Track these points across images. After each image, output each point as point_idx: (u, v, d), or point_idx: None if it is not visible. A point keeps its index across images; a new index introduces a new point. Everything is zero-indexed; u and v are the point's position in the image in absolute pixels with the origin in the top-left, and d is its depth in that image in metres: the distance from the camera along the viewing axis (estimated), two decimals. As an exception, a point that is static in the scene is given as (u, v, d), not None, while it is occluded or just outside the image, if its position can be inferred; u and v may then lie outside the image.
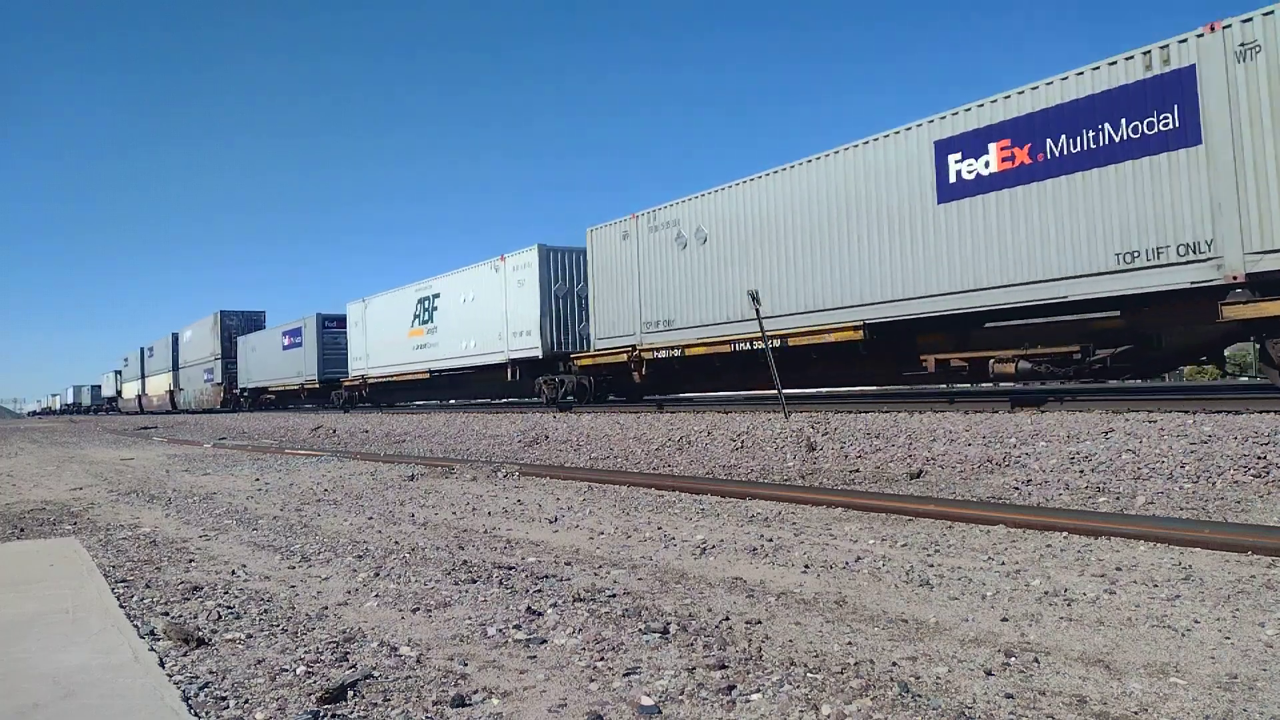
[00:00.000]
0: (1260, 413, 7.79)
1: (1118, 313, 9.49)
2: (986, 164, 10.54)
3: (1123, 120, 9.26)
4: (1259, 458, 5.92)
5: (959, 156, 10.88)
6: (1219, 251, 8.49)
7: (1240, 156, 8.45)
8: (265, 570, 4.40)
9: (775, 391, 11.97)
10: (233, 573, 4.35)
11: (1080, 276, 9.54)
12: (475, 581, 3.95)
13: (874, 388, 16.30)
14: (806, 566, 4.06)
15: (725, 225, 14.36)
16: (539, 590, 3.74)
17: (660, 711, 2.34)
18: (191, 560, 4.74)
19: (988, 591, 3.48)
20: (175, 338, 52.46)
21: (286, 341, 34.89)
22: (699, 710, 2.34)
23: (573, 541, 4.95)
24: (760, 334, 12.32)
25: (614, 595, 3.62)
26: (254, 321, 43.82)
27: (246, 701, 2.49)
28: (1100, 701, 2.32)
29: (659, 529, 5.22)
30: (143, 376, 62.50)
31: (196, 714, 2.37)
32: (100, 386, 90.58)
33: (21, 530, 6.07)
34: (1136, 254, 9.09)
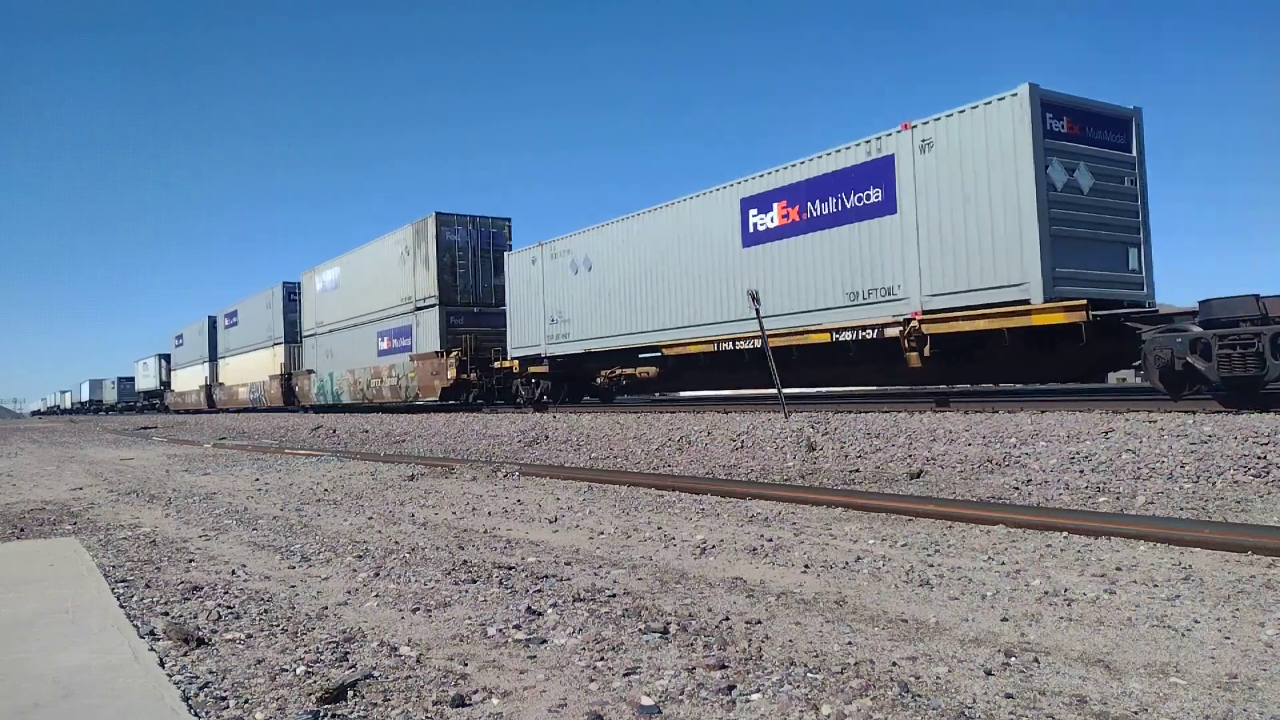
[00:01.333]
0: (1260, 412, 7.79)
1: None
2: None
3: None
4: (1259, 458, 5.92)
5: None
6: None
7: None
8: (265, 570, 4.40)
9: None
10: (233, 573, 4.35)
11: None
12: (475, 581, 3.95)
13: (874, 388, 16.26)
14: (806, 566, 4.06)
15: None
16: (539, 590, 3.74)
17: (660, 711, 2.34)
18: (191, 560, 4.74)
19: (988, 591, 3.48)
20: (289, 291, 33.64)
21: (780, 215, 13.18)
22: (699, 710, 2.34)
23: (573, 541, 4.95)
24: (760, 333, 12.32)
25: (614, 595, 3.62)
26: (494, 237, 23.03)
27: (246, 701, 2.49)
28: (1100, 701, 2.32)
29: (659, 529, 5.22)
30: (213, 358, 43.27)
31: (196, 714, 2.37)
32: (134, 379, 69.58)
33: (21, 530, 6.07)
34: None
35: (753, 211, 13.79)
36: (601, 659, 2.78)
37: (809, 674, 2.57)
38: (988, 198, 10.31)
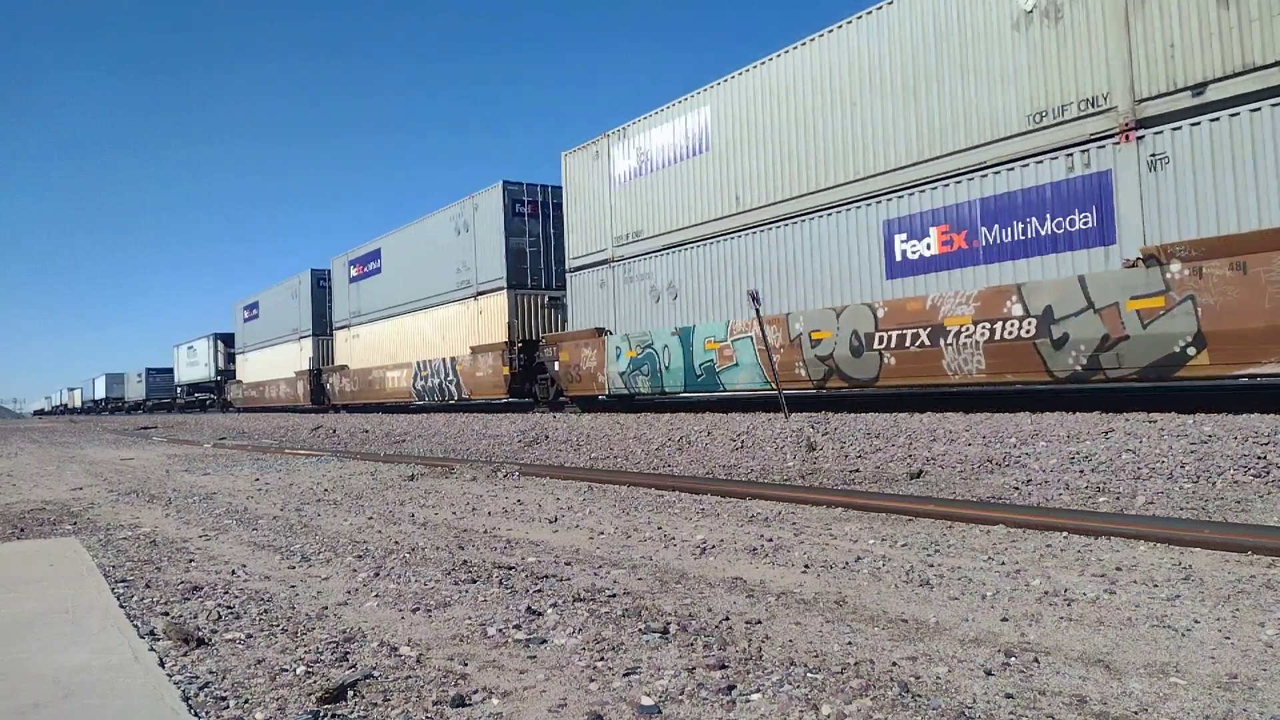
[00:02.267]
0: (1260, 413, 7.79)
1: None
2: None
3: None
4: (1259, 458, 5.92)
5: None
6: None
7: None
8: (265, 570, 4.40)
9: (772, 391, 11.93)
10: (233, 573, 4.35)
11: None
12: (475, 581, 3.95)
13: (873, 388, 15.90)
14: (806, 566, 4.06)
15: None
16: (539, 590, 3.74)
17: (660, 711, 2.34)
18: (191, 560, 4.74)
19: (988, 591, 3.48)
20: (513, 201, 19.95)
21: None
22: (699, 710, 2.34)
23: (573, 541, 4.95)
24: (762, 333, 12.31)
25: (614, 595, 3.62)
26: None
27: (246, 701, 2.49)
28: (1100, 701, 2.32)
29: (659, 529, 5.22)
30: (323, 331, 29.99)
31: (196, 714, 2.37)
32: (171, 370, 57.29)
33: (21, 530, 6.07)
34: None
35: None
36: (601, 659, 2.79)
37: (809, 674, 2.58)
38: None
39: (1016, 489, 6.11)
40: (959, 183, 10.93)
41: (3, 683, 2.64)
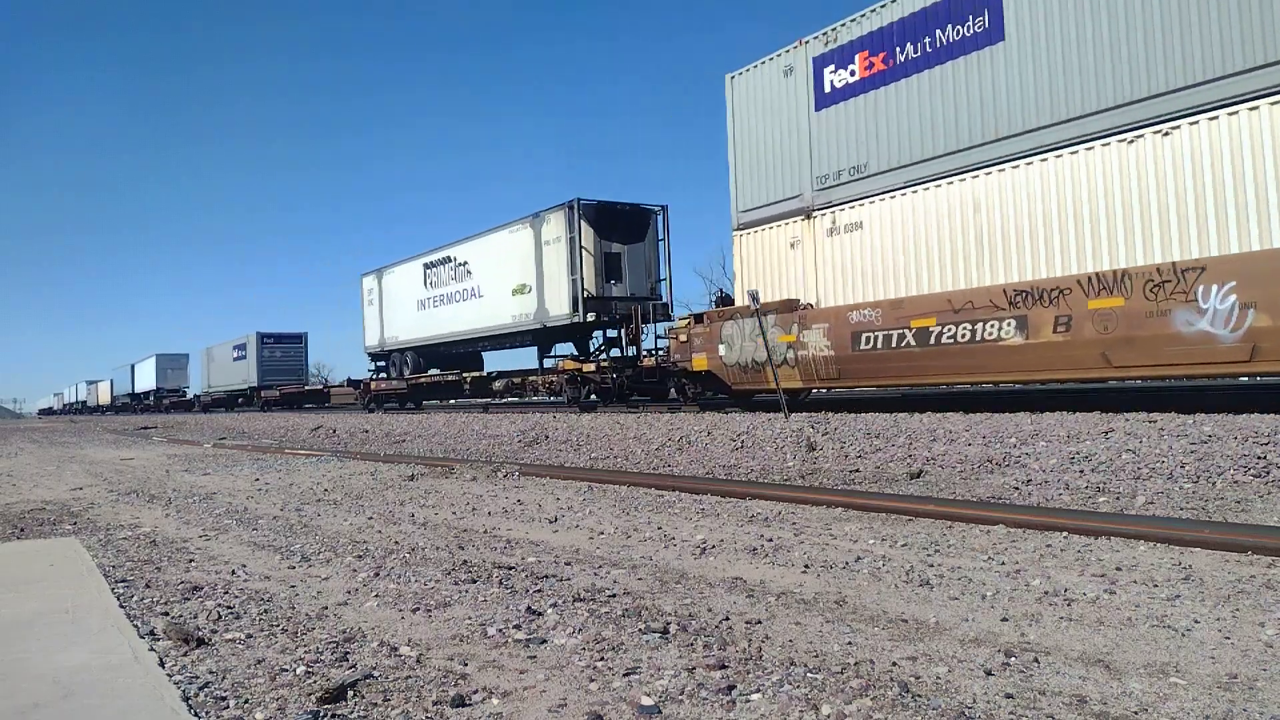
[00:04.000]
0: (1260, 413, 7.80)
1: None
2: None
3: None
4: (1259, 458, 5.92)
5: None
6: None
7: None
8: (265, 570, 4.40)
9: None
10: (233, 573, 4.35)
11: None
12: (475, 581, 3.95)
13: (873, 388, 15.83)
14: (806, 566, 4.06)
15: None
16: (539, 590, 3.74)
17: (660, 711, 2.34)
18: (191, 560, 4.74)
19: (988, 591, 3.48)
20: None
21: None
22: (699, 710, 2.34)
23: (573, 541, 4.95)
24: (763, 336, 12.32)
25: (614, 595, 3.62)
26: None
27: (246, 701, 2.49)
28: (1100, 701, 2.32)
29: (659, 529, 5.22)
30: None
31: (196, 714, 2.37)
32: (302, 337, 39.54)
33: (21, 530, 6.07)
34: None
35: None
36: (601, 659, 2.79)
37: (809, 674, 2.58)
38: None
39: (1016, 489, 6.11)
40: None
41: (3, 683, 2.64)
